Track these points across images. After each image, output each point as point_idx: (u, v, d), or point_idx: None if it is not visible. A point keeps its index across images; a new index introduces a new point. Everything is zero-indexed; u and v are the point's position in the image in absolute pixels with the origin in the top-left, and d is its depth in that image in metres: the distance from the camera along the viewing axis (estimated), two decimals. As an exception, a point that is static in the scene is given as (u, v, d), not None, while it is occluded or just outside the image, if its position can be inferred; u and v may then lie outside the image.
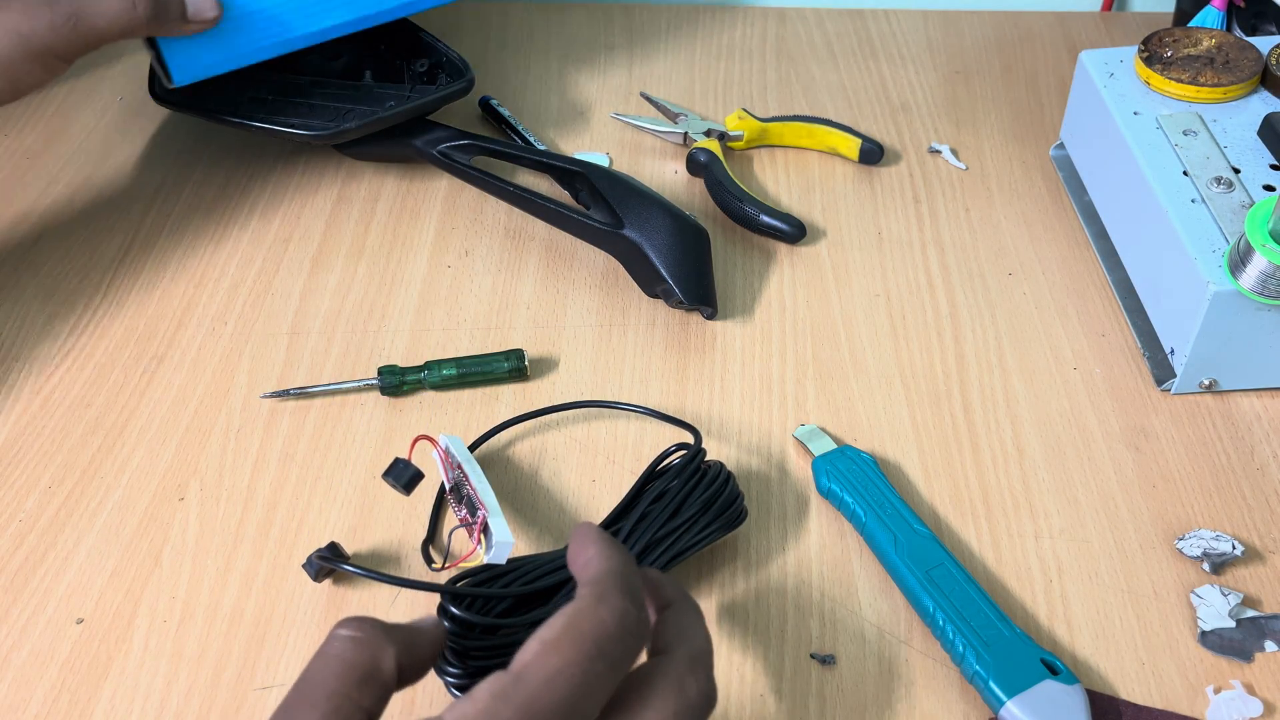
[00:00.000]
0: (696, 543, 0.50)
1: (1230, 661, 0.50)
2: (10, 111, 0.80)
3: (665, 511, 0.50)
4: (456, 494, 0.53)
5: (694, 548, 0.50)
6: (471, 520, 0.51)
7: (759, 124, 0.76)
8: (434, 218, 0.72)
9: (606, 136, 0.78)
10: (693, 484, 0.51)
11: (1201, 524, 0.55)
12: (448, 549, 0.53)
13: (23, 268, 0.68)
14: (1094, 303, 0.66)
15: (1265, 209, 0.55)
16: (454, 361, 0.61)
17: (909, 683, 0.49)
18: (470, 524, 0.51)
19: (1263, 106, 0.66)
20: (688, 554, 0.50)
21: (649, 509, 0.50)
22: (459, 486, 0.52)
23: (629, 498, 0.51)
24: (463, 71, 0.72)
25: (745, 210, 0.70)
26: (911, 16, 0.90)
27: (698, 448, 0.53)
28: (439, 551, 0.54)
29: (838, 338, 0.64)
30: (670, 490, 0.51)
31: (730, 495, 0.52)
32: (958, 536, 0.54)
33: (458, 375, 0.60)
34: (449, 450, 0.53)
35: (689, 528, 0.50)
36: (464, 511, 0.52)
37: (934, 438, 0.59)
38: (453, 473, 0.53)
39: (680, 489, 0.51)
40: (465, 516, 0.52)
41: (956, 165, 0.76)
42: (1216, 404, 0.60)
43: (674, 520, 0.50)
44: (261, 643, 0.50)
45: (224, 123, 0.70)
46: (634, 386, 0.61)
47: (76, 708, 0.48)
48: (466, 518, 0.52)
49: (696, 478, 0.51)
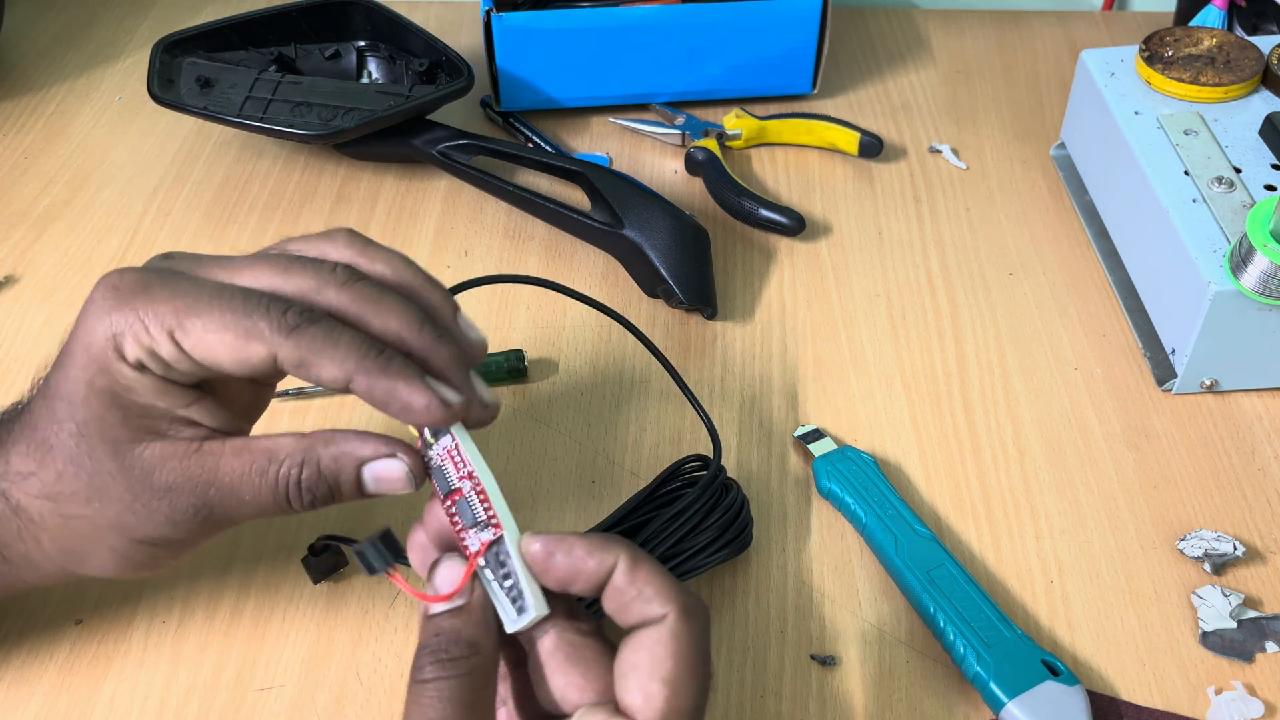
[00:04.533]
0: (701, 566, 0.50)
1: (1231, 662, 0.49)
2: (10, 111, 0.80)
3: (680, 529, 0.49)
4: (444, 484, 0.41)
5: (697, 571, 0.50)
6: (469, 532, 0.39)
7: (757, 122, 0.76)
8: (433, 217, 0.71)
9: (606, 136, 0.78)
10: (711, 503, 0.50)
11: (1202, 524, 0.55)
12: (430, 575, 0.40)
13: (23, 267, 0.68)
14: (1095, 302, 0.66)
15: (1266, 209, 0.55)
16: (454, 361, 0.60)
17: (909, 684, 0.49)
18: (466, 536, 0.39)
19: (1264, 106, 0.66)
20: (691, 575, 0.50)
21: (664, 525, 0.49)
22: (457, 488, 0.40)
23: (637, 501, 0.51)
24: (462, 71, 0.72)
25: (744, 205, 0.69)
26: (911, 16, 0.90)
27: (719, 465, 0.51)
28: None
29: (838, 338, 0.64)
30: (689, 507, 0.50)
31: (743, 521, 0.51)
32: (958, 537, 0.54)
33: (457, 375, 0.60)
34: (459, 447, 0.40)
35: (700, 551, 0.50)
36: (459, 518, 0.40)
37: (934, 438, 0.59)
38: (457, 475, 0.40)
39: (699, 508, 0.50)
40: (457, 521, 0.40)
41: (957, 165, 0.76)
42: (1217, 404, 0.60)
43: (688, 541, 0.49)
44: (261, 643, 0.50)
45: (223, 122, 0.70)
46: (634, 386, 0.61)
47: (76, 708, 0.48)
48: (458, 524, 0.40)
49: (715, 498, 0.50)
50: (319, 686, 0.49)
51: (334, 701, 0.48)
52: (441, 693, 0.36)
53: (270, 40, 0.75)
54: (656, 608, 0.37)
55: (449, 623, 0.37)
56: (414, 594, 0.38)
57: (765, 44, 0.77)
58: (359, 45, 0.77)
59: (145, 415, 0.39)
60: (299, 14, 0.75)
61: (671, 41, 0.75)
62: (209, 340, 0.38)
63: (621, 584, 0.37)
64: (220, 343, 0.38)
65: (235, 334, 0.38)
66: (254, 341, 0.38)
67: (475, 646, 0.37)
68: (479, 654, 0.37)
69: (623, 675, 0.36)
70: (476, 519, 0.39)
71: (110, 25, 0.89)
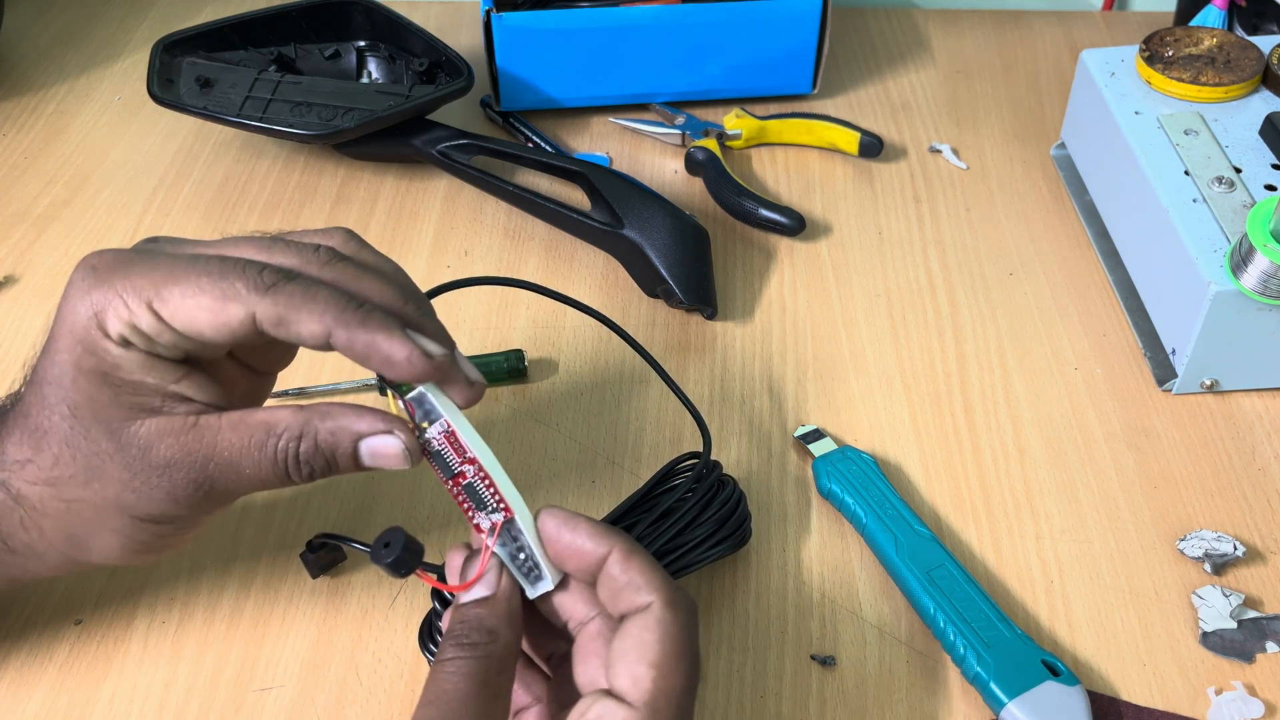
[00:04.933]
0: (700, 561, 0.50)
1: (1231, 662, 0.49)
2: (10, 111, 0.80)
3: (675, 525, 0.49)
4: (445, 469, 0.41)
5: (696, 565, 0.50)
6: (479, 515, 0.41)
7: (757, 122, 0.76)
8: (433, 217, 0.71)
9: (606, 136, 0.78)
10: (707, 498, 0.50)
11: (1203, 524, 0.55)
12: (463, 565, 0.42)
13: (23, 267, 0.68)
14: (1095, 302, 0.66)
15: (1266, 209, 0.55)
16: (454, 361, 0.60)
17: (910, 684, 0.49)
18: (477, 518, 0.41)
19: (1264, 106, 0.66)
20: (689, 571, 0.50)
21: (656, 520, 0.49)
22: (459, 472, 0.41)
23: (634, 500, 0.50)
24: (462, 71, 0.72)
25: (744, 204, 0.69)
26: (911, 16, 0.90)
27: (713, 460, 0.51)
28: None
29: (838, 338, 0.64)
30: (684, 503, 0.50)
31: (741, 516, 0.51)
32: (958, 537, 0.54)
33: (457, 375, 0.60)
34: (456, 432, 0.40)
35: (697, 545, 0.49)
36: (467, 502, 0.41)
37: (934, 438, 0.59)
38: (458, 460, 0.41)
39: (695, 503, 0.49)
40: (466, 505, 0.41)
41: (957, 165, 0.76)
42: (1218, 404, 0.60)
43: (684, 535, 0.49)
44: (261, 643, 0.50)
45: (223, 122, 0.70)
46: (634, 386, 0.61)
47: (76, 708, 0.48)
48: (467, 508, 0.41)
49: (711, 493, 0.50)
50: (319, 686, 0.49)
51: (334, 701, 0.48)
52: (459, 668, 0.38)
53: (270, 40, 0.75)
54: (644, 596, 0.39)
55: (474, 612, 0.40)
56: (438, 585, 0.40)
57: (765, 44, 0.77)
58: (359, 45, 0.77)
59: (136, 392, 0.39)
60: (299, 14, 0.75)
61: (671, 41, 0.75)
62: (187, 306, 0.38)
63: (615, 572, 0.40)
64: (199, 308, 0.38)
65: (212, 297, 0.38)
66: (231, 303, 0.38)
67: (495, 634, 0.39)
68: (497, 641, 0.39)
69: (613, 662, 0.38)
70: (484, 503, 0.41)
71: (110, 25, 0.89)
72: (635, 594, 0.39)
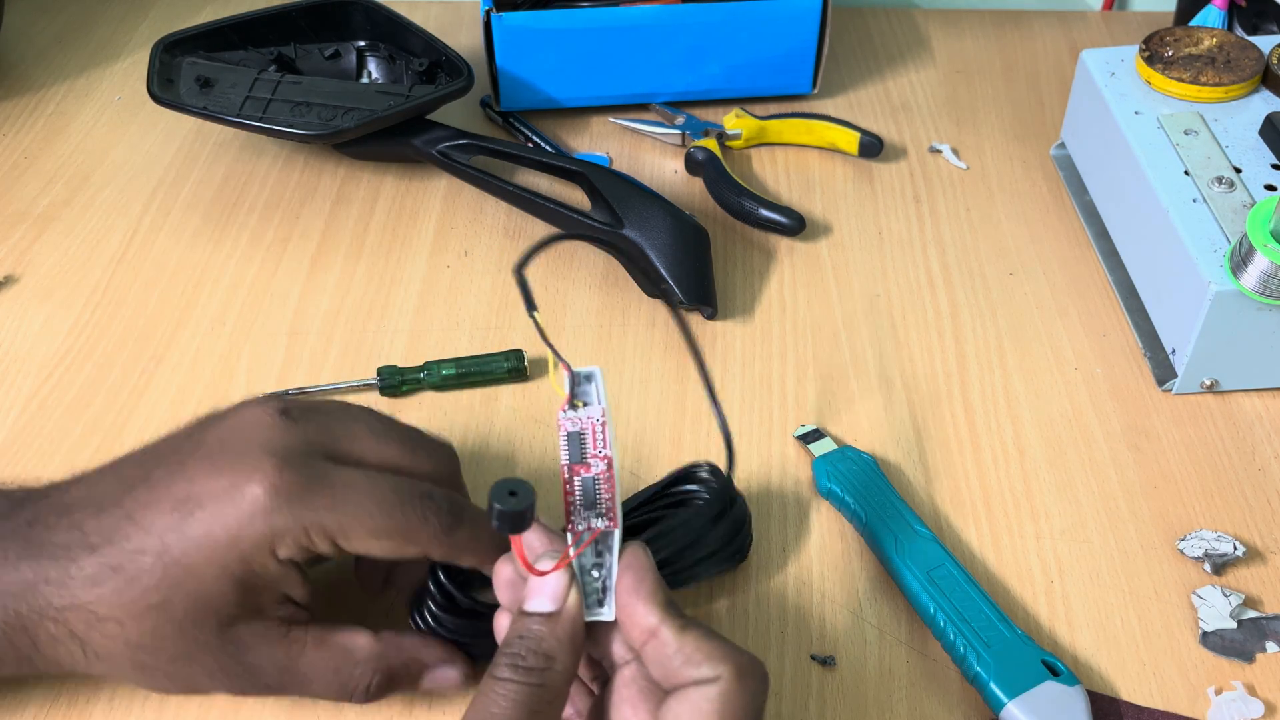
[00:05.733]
0: (698, 576, 0.50)
1: (1231, 662, 0.49)
2: (10, 111, 0.80)
3: (683, 538, 0.48)
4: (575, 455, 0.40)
5: (694, 580, 0.50)
6: (582, 513, 0.40)
7: (757, 122, 0.76)
8: (433, 217, 0.71)
9: (606, 136, 0.78)
10: (718, 512, 0.49)
11: (1203, 524, 0.55)
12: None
13: (22, 267, 0.68)
14: (1095, 302, 0.66)
15: (1266, 209, 0.55)
16: (453, 362, 0.60)
17: (909, 684, 0.49)
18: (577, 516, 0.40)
19: (1264, 106, 0.66)
20: (687, 585, 0.50)
21: (667, 529, 0.48)
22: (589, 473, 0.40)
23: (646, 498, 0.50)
24: (462, 71, 0.72)
25: (744, 204, 0.69)
26: (911, 16, 0.90)
27: (727, 477, 0.50)
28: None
29: (838, 338, 0.64)
30: (699, 518, 0.49)
31: (745, 535, 0.51)
32: (958, 537, 0.54)
33: (457, 375, 0.60)
34: (605, 429, 0.40)
35: (702, 561, 0.49)
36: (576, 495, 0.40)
37: (934, 438, 0.59)
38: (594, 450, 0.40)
39: (707, 520, 0.49)
40: (573, 497, 0.40)
41: (957, 165, 0.76)
42: (1218, 404, 0.60)
43: (690, 551, 0.49)
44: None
45: (223, 122, 0.70)
46: (634, 387, 0.61)
47: (76, 707, 0.48)
48: (573, 501, 0.40)
49: (722, 509, 0.50)
50: (319, 686, 0.48)
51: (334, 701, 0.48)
52: (510, 693, 0.37)
53: (270, 40, 0.75)
54: (707, 670, 0.37)
55: (536, 628, 0.39)
56: (523, 561, 0.39)
57: (765, 44, 0.77)
58: (359, 45, 0.77)
59: (260, 594, 0.41)
60: (299, 14, 0.75)
61: (671, 41, 0.75)
62: (370, 545, 0.41)
63: (670, 644, 0.38)
64: (380, 548, 0.42)
65: (395, 540, 0.42)
66: (413, 545, 0.42)
67: (552, 659, 0.38)
68: (554, 668, 0.38)
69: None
70: (594, 503, 0.40)
71: (110, 25, 0.89)
72: (696, 670, 0.37)
